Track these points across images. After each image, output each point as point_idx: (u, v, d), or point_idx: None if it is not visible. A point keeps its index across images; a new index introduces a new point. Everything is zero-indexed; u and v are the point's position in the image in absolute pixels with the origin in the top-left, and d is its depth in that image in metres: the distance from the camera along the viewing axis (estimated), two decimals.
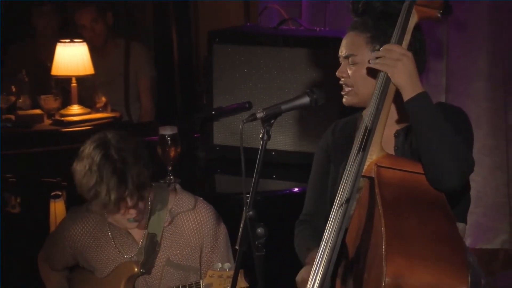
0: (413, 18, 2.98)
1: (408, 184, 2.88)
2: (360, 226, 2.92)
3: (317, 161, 3.27)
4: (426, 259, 2.73)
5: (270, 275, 2.94)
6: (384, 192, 2.82)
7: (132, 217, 3.65)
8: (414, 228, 2.77)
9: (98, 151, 3.54)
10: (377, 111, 2.95)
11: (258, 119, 2.95)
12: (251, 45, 4.63)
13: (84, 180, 3.54)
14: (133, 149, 3.57)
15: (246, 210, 2.86)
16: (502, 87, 4.48)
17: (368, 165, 2.91)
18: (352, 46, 3.11)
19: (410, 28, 2.98)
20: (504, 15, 4.43)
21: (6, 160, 4.78)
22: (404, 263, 2.70)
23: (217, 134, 4.67)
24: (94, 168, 3.52)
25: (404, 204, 2.82)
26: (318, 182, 3.25)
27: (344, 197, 2.91)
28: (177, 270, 3.75)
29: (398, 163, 2.91)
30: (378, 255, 2.73)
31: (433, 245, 2.75)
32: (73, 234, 3.82)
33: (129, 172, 3.51)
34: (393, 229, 2.74)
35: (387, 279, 2.68)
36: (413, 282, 2.70)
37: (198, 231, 3.74)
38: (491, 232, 4.54)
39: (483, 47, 4.52)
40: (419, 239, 2.75)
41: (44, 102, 5.72)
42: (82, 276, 3.89)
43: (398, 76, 2.91)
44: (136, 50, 6.27)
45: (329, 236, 2.92)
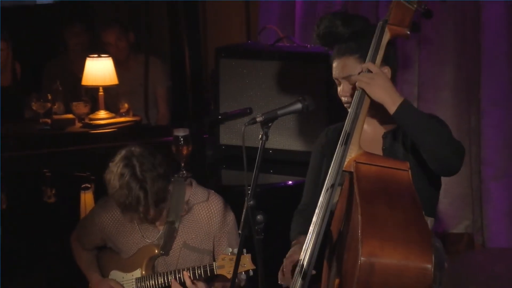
0: (386, 35, 2.97)
1: (382, 177, 2.87)
2: (342, 215, 2.92)
3: (313, 159, 3.27)
4: (396, 241, 2.71)
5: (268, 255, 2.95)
6: (361, 184, 2.82)
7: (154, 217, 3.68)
8: (386, 215, 2.76)
9: (127, 171, 3.55)
10: (355, 116, 2.96)
11: (258, 122, 2.96)
12: (252, 60, 4.63)
13: (116, 195, 3.56)
14: (153, 168, 3.57)
15: (248, 200, 2.86)
16: (465, 95, 4.47)
17: (348, 161, 2.91)
18: (347, 68, 3.07)
19: (383, 45, 2.97)
20: (467, 33, 4.42)
21: (44, 158, 4.82)
22: (377, 245, 2.69)
23: (223, 135, 4.67)
24: (124, 186, 3.54)
25: (377, 195, 2.81)
26: (314, 176, 3.24)
27: (329, 184, 2.93)
28: (192, 253, 3.75)
29: (373, 159, 2.92)
30: (355, 238, 2.73)
31: (402, 230, 2.74)
32: (103, 221, 3.83)
33: (149, 190, 3.52)
34: (368, 216, 2.73)
35: (362, 258, 2.67)
36: (384, 261, 2.68)
37: (211, 219, 3.74)
38: (457, 219, 4.54)
39: (449, 61, 4.50)
40: (390, 224, 2.74)
41: (76, 108, 5.68)
42: (109, 256, 3.89)
43: (375, 93, 2.92)
44: (154, 64, 6.26)
45: (317, 220, 2.93)
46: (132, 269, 3.79)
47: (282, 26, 5.27)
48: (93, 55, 5.77)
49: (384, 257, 2.69)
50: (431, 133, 2.90)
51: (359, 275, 2.68)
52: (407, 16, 2.96)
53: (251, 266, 3.46)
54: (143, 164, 3.56)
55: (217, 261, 3.56)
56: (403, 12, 2.96)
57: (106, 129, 5.47)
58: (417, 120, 2.92)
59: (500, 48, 4.24)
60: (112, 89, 5.77)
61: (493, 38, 4.26)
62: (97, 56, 5.75)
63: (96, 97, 5.70)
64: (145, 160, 3.58)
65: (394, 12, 2.97)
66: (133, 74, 6.16)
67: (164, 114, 6.24)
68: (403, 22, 2.97)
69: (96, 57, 5.75)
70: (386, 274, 2.68)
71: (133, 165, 3.55)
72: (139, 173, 3.53)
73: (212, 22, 6.50)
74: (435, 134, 2.91)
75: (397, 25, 2.97)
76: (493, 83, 4.30)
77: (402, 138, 3.06)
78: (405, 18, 2.96)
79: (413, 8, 2.95)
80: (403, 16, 2.96)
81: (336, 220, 2.94)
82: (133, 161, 3.56)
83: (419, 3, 2.95)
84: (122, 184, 3.53)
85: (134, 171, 3.54)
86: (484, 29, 4.30)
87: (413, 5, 2.95)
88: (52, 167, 4.63)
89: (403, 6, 2.95)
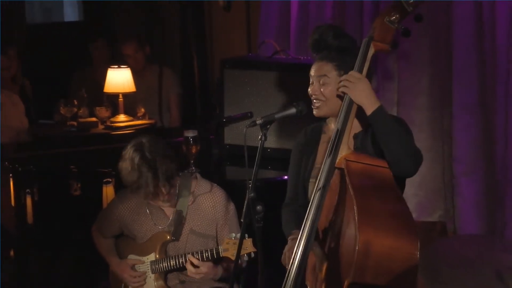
0: (371, 50, 3.00)
1: (369, 173, 2.89)
2: (332, 206, 2.92)
3: (293, 156, 3.27)
4: (388, 229, 2.74)
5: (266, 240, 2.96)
6: (353, 180, 2.84)
7: (165, 199, 3.69)
8: (377, 207, 2.78)
9: (137, 154, 3.55)
10: (345, 117, 2.98)
11: (257, 125, 3.00)
12: (252, 70, 4.62)
13: (128, 177, 3.57)
14: (162, 150, 3.59)
15: (249, 192, 2.90)
16: (439, 101, 4.48)
17: (339, 159, 2.93)
18: (323, 70, 3.10)
19: (369, 58, 3.01)
20: (440, 47, 4.43)
21: (70, 155, 4.82)
22: (372, 233, 2.72)
23: (227, 135, 4.67)
24: (135, 167, 3.54)
25: (368, 189, 2.83)
26: (295, 173, 3.24)
27: (321, 184, 2.93)
28: (198, 238, 3.75)
29: (360, 158, 2.94)
30: (350, 227, 2.76)
31: (392, 219, 2.77)
32: (120, 211, 3.84)
33: (159, 168, 3.54)
34: (362, 208, 2.75)
35: (359, 245, 2.70)
36: (379, 247, 2.71)
37: (214, 208, 3.75)
38: (431, 209, 4.54)
39: (424, 71, 4.52)
40: (382, 214, 2.76)
41: (99, 112, 5.71)
42: (126, 242, 3.90)
43: (357, 96, 2.95)
44: (167, 73, 6.25)
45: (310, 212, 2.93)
46: (147, 253, 3.79)
47: (278, 41, 5.26)
48: (114, 66, 5.80)
49: (378, 243, 2.71)
50: (396, 138, 2.93)
51: (357, 258, 2.70)
52: (389, 34, 2.99)
53: (252, 249, 3.47)
54: (151, 147, 3.56)
55: (222, 245, 3.57)
56: (386, 31, 2.99)
57: (125, 131, 5.51)
58: (387, 125, 2.95)
59: (468, 60, 4.26)
60: (130, 95, 5.78)
61: (462, 51, 4.27)
62: (117, 67, 5.78)
63: (117, 102, 5.72)
64: (153, 144, 3.58)
65: (378, 30, 2.99)
66: (148, 83, 6.16)
67: (175, 118, 6.24)
68: (386, 39, 3.00)
69: (117, 67, 5.78)
70: (379, 258, 2.71)
71: (142, 149, 3.56)
72: (148, 155, 3.54)
73: (217, 37, 6.51)
74: (399, 140, 2.94)
75: (381, 41, 3.00)
76: (463, 90, 4.31)
77: (371, 139, 3.07)
78: (387, 36, 2.99)
79: (394, 27, 2.98)
80: (385, 34, 2.99)
81: (324, 211, 2.94)
82: (142, 146, 3.57)
83: (399, 23, 2.98)
84: (133, 166, 3.54)
85: (144, 154, 3.54)
86: (454, 44, 4.31)
87: (394, 25, 2.98)
88: (78, 164, 4.62)
89: (386, 25, 2.98)
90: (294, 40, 5.29)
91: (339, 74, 3.06)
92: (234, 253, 3.48)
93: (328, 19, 4.95)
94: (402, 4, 2.98)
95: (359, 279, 2.72)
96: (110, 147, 4.93)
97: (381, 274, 2.71)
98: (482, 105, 4.24)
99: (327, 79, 3.08)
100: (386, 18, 2.98)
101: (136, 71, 5.95)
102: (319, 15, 5.06)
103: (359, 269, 2.71)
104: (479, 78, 4.23)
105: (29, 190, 4.57)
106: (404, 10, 2.98)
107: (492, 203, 4.25)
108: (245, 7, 6.12)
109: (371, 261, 2.70)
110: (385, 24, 2.98)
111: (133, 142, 3.63)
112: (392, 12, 2.98)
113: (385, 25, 2.98)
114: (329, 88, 3.08)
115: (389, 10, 3.00)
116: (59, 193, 4.60)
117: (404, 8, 2.98)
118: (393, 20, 2.97)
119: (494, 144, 4.19)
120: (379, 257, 2.71)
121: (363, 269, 2.71)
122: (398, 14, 2.98)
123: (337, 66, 3.08)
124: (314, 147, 3.16)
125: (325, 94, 3.09)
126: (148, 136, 3.65)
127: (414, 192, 4.20)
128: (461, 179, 4.36)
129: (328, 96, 3.09)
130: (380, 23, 2.99)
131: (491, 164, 4.24)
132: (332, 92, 3.08)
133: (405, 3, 2.98)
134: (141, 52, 6.12)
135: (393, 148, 2.91)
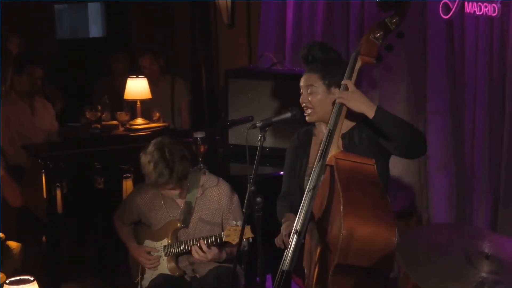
0: (358, 63, 3.02)
1: (355, 170, 2.90)
2: (324, 198, 2.93)
3: (288, 156, 3.28)
4: (369, 218, 2.75)
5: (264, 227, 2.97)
6: (341, 175, 2.84)
7: (177, 193, 3.68)
8: (361, 199, 2.79)
9: (157, 152, 3.56)
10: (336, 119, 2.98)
11: (257, 127, 3.02)
12: (253, 79, 4.62)
13: (146, 169, 3.58)
14: (180, 152, 3.59)
15: (250, 186, 2.90)
16: (415, 107, 4.49)
17: (329, 157, 2.94)
18: (310, 80, 3.11)
19: (356, 69, 3.02)
20: (415, 59, 4.44)
21: (95, 154, 4.83)
22: (355, 221, 2.73)
23: (231, 136, 4.66)
24: (153, 162, 3.54)
25: (353, 183, 2.84)
26: (289, 170, 3.25)
27: (312, 184, 2.93)
28: (206, 225, 3.76)
29: (348, 156, 2.95)
30: (338, 217, 2.76)
31: (373, 209, 2.78)
32: (138, 201, 3.85)
33: (175, 168, 3.54)
34: (348, 200, 2.76)
35: (344, 231, 2.72)
36: (361, 233, 2.73)
37: (220, 199, 3.76)
38: (408, 200, 4.54)
39: (402, 81, 4.52)
40: (364, 206, 2.78)
41: (119, 116, 5.74)
42: (143, 229, 3.91)
43: (355, 106, 2.96)
44: (179, 82, 6.25)
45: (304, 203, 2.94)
46: (160, 239, 3.80)
47: (275, 54, 5.27)
48: (132, 76, 5.82)
49: (360, 230, 2.73)
50: (403, 128, 2.94)
51: (341, 243, 2.72)
52: (374, 49, 3.00)
53: (251, 235, 3.48)
54: (172, 148, 3.56)
55: (225, 231, 3.58)
56: (371, 46, 3.00)
57: (142, 132, 5.52)
58: (391, 120, 2.95)
59: (441, 71, 4.26)
60: (146, 101, 5.79)
61: (435, 64, 4.28)
62: (135, 77, 5.79)
63: (135, 108, 5.73)
64: (173, 145, 3.58)
65: (364, 46, 3.01)
66: (162, 90, 6.16)
67: (186, 121, 6.24)
68: (371, 53, 3.01)
69: (135, 77, 5.79)
70: (361, 242, 2.72)
71: (163, 148, 3.56)
72: (167, 154, 3.54)
73: (222, 51, 6.51)
74: (405, 128, 2.95)
75: (367, 55, 3.01)
76: (436, 98, 4.31)
77: (358, 137, 3.07)
78: (373, 50, 3.00)
79: (379, 43, 2.98)
80: (371, 49, 3.00)
81: (317, 201, 2.95)
82: (164, 146, 3.57)
83: (383, 40, 2.99)
84: (153, 162, 3.54)
85: (164, 153, 3.55)
86: (429, 57, 4.32)
87: (378, 41, 2.99)
88: (101, 161, 4.62)
89: (371, 41, 3.00)
90: (289, 53, 5.29)
91: (324, 83, 3.07)
92: (234, 239, 3.51)
93: (318, 35, 4.96)
94: (386, 23, 2.99)
95: (343, 261, 2.73)
96: (129, 146, 4.94)
97: (363, 257, 2.73)
98: (453, 110, 4.24)
99: (314, 88, 3.09)
100: (372, 35, 2.99)
101: (152, 81, 5.95)
102: (310, 32, 5.07)
103: (343, 252, 2.72)
104: (450, 87, 4.23)
105: (59, 184, 4.58)
106: (388, 28, 2.99)
107: (461, 195, 4.25)
108: (247, 25, 6.14)
109: (354, 245, 2.72)
110: (371, 40, 2.99)
111: (156, 140, 3.63)
112: (377, 29, 3.00)
113: (370, 41, 2.99)
114: (316, 97, 3.09)
115: (375, 28, 3.01)
116: (85, 186, 4.61)
117: (388, 26, 2.99)
118: (377, 37, 2.98)
119: (463, 144, 4.19)
120: (361, 242, 2.72)
121: (347, 252, 2.72)
122: (382, 31, 2.99)
123: (322, 76, 3.08)
124: (306, 149, 3.17)
125: (312, 103, 3.10)
126: (170, 138, 3.65)
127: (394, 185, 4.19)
128: (434, 174, 4.36)
129: (315, 104, 3.09)
130: (366, 40, 3.00)
131: (460, 162, 4.24)
132: (319, 101, 3.08)
133: (389, 22, 2.98)
134: (156, 64, 6.13)
135: (404, 136, 2.92)
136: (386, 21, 3.00)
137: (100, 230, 4.56)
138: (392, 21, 2.99)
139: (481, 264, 2.42)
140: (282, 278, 2.89)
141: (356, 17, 4.72)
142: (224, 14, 6.20)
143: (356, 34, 4.72)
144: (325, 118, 3.04)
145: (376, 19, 4.44)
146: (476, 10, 3.90)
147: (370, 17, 4.58)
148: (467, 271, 2.40)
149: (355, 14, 4.72)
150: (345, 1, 4.80)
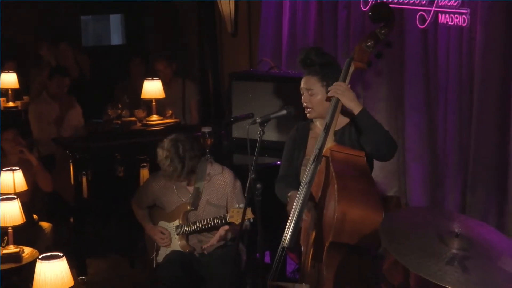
0: (352, 67, 3.01)
1: (348, 161, 2.90)
2: (320, 184, 2.92)
3: (287, 146, 3.25)
4: (360, 203, 2.76)
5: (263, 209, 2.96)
6: (335, 166, 2.84)
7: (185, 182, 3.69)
8: (352, 186, 2.79)
9: (173, 147, 3.56)
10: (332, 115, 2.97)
11: (257, 123, 3.00)
12: (253, 81, 4.61)
13: (161, 162, 3.57)
14: (192, 150, 3.58)
15: (251, 174, 2.89)
16: (394, 104, 4.48)
17: (325, 149, 2.92)
18: (309, 83, 3.09)
19: (350, 73, 3.01)
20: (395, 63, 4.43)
21: (116, 146, 4.80)
22: (348, 205, 2.74)
23: (234, 131, 4.65)
24: (168, 157, 3.55)
25: (346, 172, 2.84)
26: (287, 157, 3.22)
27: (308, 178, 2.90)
28: (212, 208, 3.75)
29: (342, 149, 2.94)
30: (332, 201, 2.77)
31: (363, 195, 2.78)
32: (153, 187, 3.85)
33: (187, 163, 3.55)
34: (341, 187, 2.76)
35: (337, 214, 2.72)
36: (352, 215, 2.73)
37: (224, 185, 3.76)
38: (388, 186, 4.53)
39: (383, 82, 4.52)
40: (356, 192, 2.78)
41: (137, 113, 5.74)
42: (157, 211, 3.90)
43: (346, 101, 2.94)
44: (188, 84, 6.21)
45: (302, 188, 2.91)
46: (173, 220, 3.80)
47: (273, 59, 5.26)
48: (148, 78, 5.79)
49: (352, 213, 2.74)
50: (377, 132, 2.93)
51: (335, 224, 2.72)
52: (365, 56, 3.00)
53: (251, 216, 3.48)
54: (185, 145, 3.56)
55: (228, 213, 3.59)
56: (363, 53, 3.00)
57: (157, 128, 5.51)
58: (370, 122, 2.94)
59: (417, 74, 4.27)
60: (161, 101, 5.76)
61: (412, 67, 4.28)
62: (151, 79, 5.77)
63: (151, 106, 5.72)
64: (187, 143, 3.58)
65: (357, 53, 3.02)
66: (174, 91, 6.13)
67: (195, 118, 6.21)
68: (363, 59, 3.01)
69: (151, 79, 5.77)
70: (353, 223, 2.73)
71: (177, 145, 3.56)
72: (181, 151, 3.54)
73: (227, 56, 6.48)
74: (380, 132, 2.94)
75: (359, 61, 3.01)
76: (412, 97, 4.31)
77: (348, 135, 3.06)
78: (364, 57, 3.01)
79: (370, 51, 3.00)
80: (363, 55, 3.00)
81: (314, 187, 2.93)
82: (178, 143, 3.57)
83: (374, 48, 3.00)
84: (167, 156, 3.54)
85: (178, 150, 3.55)
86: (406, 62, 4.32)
87: (369, 49, 3.00)
88: (121, 152, 4.61)
89: (363, 49, 3.00)
90: (285, 59, 5.27)
91: (323, 84, 3.06)
92: (237, 219, 3.52)
93: (310, 43, 4.94)
94: (376, 34, 3.00)
95: (337, 239, 2.74)
96: (146, 140, 4.93)
97: (354, 236, 2.74)
98: (427, 108, 4.24)
99: (313, 91, 3.07)
100: (363, 43, 3.01)
101: (165, 82, 5.93)
102: (303, 39, 5.06)
103: (337, 232, 2.73)
104: (425, 88, 4.23)
105: (85, 172, 4.56)
106: (378, 38, 3.01)
107: (435, 182, 4.25)
108: (248, 34, 6.12)
109: (347, 226, 2.73)
110: (363, 48, 3.00)
111: (171, 136, 3.63)
112: (368, 39, 3.01)
113: (362, 49, 3.00)
114: (316, 98, 3.08)
115: (366, 37, 3.02)
116: (107, 174, 4.59)
117: (378, 36, 3.00)
118: (369, 46, 3.00)
119: (436, 137, 4.20)
120: (352, 223, 2.73)
121: (340, 232, 2.73)
122: (373, 41, 3.00)
123: (320, 79, 3.06)
124: (304, 141, 3.15)
125: (313, 103, 3.09)
126: (185, 135, 3.65)
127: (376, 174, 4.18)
128: (411, 163, 4.37)
129: (315, 104, 3.09)
130: (359, 47, 3.01)
131: (434, 152, 4.24)
132: (318, 101, 3.07)
133: (379, 32, 3.00)
134: (169, 68, 6.10)
135: (376, 139, 2.90)
136: (376, 32, 3.01)
137: (120, 212, 4.52)
138: (382, 32, 3.01)
139: (452, 242, 2.43)
140: (283, 254, 2.89)
141: (343, 28, 4.72)
142: (228, 24, 6.20)
143: (342, 42, 4.72)
144: (323, 115, 3.03)
145: (360, 32, 4.45)
146: (449, 20, 3.90)
147: (356, 28, 4.58)
148: (440, 248, 2.41)
149: (342, 26, 4.73)
150: (333, 14, 4.80)
